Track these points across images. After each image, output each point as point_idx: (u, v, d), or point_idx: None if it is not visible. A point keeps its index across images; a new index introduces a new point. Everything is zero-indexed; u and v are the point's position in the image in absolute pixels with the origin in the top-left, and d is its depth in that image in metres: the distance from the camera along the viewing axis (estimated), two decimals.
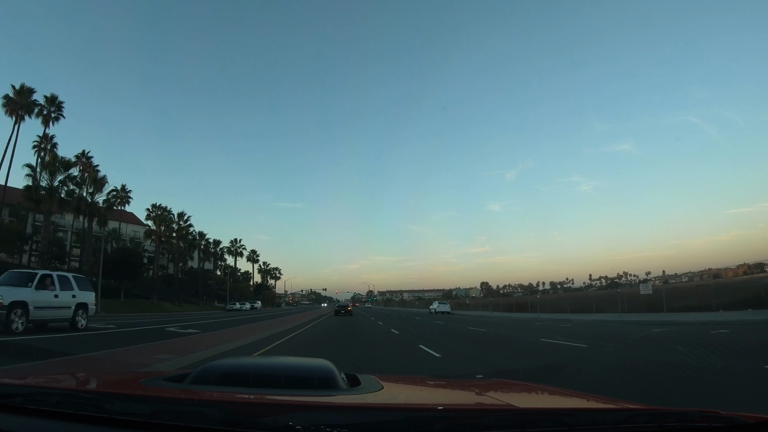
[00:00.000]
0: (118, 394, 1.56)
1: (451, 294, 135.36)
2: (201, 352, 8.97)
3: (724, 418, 1.23)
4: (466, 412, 1.47)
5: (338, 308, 44.97)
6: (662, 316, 23.15)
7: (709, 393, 5.38)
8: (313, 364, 2.03)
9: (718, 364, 7.35)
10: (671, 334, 13.82)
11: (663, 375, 6.73)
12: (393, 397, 1.82)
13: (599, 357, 9.34)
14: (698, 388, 5.69)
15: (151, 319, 26.22)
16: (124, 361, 7.62)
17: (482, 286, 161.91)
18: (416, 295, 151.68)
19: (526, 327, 21.01)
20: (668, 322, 19.40)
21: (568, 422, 1.22)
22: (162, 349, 9.22)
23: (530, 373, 7.24)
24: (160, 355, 8.11)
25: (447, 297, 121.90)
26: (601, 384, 6.26)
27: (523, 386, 2.36)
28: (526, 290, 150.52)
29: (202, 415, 1.24)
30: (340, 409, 1.38)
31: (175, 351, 9.01)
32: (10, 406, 1.37)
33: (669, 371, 6.93)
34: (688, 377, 6.35)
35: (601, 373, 7.31)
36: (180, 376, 1.87)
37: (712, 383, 6.03)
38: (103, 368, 6.58)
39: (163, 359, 7.65)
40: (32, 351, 8.24)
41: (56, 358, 7.15)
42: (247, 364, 2.12)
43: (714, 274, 68.72)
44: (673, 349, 10.02)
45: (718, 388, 5.73)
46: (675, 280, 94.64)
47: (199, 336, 13.83)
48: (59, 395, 1.42)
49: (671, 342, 11.47)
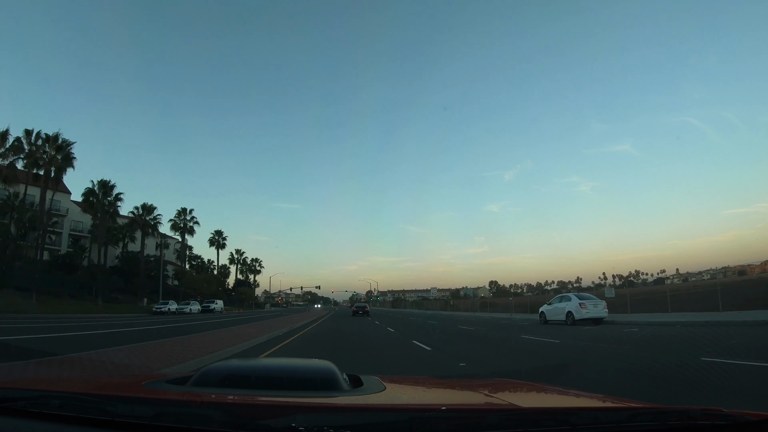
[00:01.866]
0: (121, 396, 1.57)
1: (459, 294, 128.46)
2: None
3: (727, 416, 1.24)
4: (469, 412, 1.48)
5: (356, 308, 46.88)
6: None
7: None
8: (315, 365, 2.05)
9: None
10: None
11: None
12: (395, 397, 1.83)
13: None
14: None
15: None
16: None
17: (491, 286, 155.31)
18: (421, 295, 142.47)
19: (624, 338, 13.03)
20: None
21: (572, 421, 1.23)
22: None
23: (533, 373, 7.26)
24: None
25: (455, 297, 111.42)
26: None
27: (525, 386, 2.37)
28: (534, 290, 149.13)
29: (204, 417, 1.25)
30: (343, 409, 1.39)
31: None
32: (13, 409, 1.38)
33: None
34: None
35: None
36: (182, 379, 1.88)
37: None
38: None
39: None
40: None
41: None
42: (249, 365, 2.13)
43: (739, 271, 61.85)
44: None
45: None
46: (696, 278, 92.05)
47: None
48: (61, 398, 1.43)
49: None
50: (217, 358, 10.27)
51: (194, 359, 8.50)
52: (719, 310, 21.53)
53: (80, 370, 7.16)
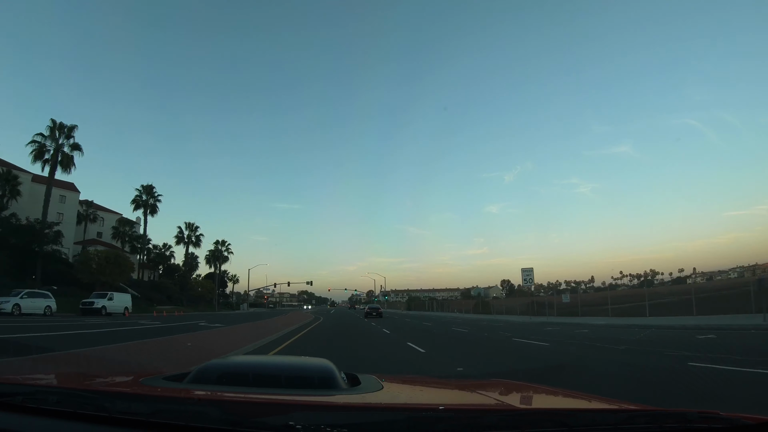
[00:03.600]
0: (118, 393, 1.59)
1: (470, 293, 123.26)
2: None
3: (724, 419, 1.25)
4: (466, 412, 1.49)
5: (370, 310, 45.28)
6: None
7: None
8: (313, 363, 2.06)
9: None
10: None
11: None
12: (393, 396, 1.85)
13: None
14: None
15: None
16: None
17: (503, 285, 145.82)
18: (426, 295, 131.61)
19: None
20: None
21: (569, 423, 1.24)
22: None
23: (531, 374, 7.30)
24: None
25: (466, 297, 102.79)
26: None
27: (523, 386, 2.39)
28: (547, 290, 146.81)
29: (201, 414, 1.27)
30: (340, 408, 1.40)
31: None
32: (11, 404, 1.40)
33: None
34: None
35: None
36: (180, 376, 1.90)
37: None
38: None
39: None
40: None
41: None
42: (247, 363, 2.15)
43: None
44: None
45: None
46: (722, 276, 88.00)
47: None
48: (59, 394, 1.44)
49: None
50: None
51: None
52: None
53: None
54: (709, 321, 20.02)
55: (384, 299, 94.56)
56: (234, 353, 10.04)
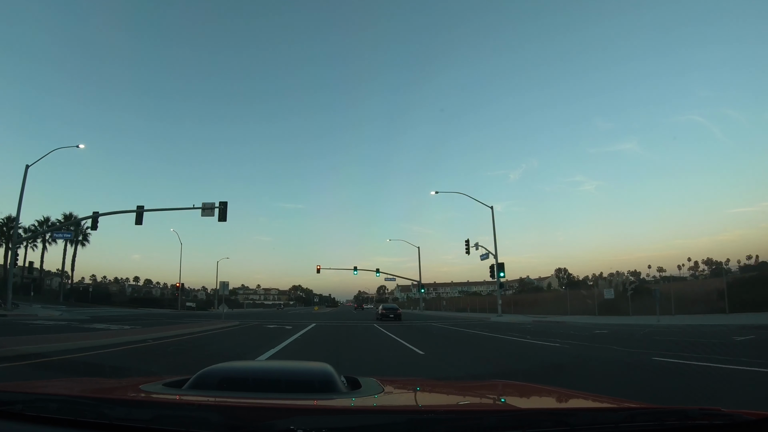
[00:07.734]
0: (118, 399, 1.61)
1: (477, 292, 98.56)
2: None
3: (725, 415, 1.27)
4: (467, 413, 1.51)
5: (385, 311, 34.79)
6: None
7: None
8: (313, 367, 2.09)
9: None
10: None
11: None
12: (393, 399, 1.88)
13: None
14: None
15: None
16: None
17: (558, 274, 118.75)
18: (458, 289, 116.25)
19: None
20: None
21: (570, 422, 1.27)
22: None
23: (531, 374, 7.37)
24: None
25: (474, 294, 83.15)
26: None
27: (523, 387, 2.42)
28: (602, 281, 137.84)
29: (202, 420, 1.29)
30: (341, 411, 1.44)
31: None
32: (10, 413, 1.42)
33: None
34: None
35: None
36: (179, 381, 1.93)
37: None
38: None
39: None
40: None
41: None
42: (247, 368, 2.17)
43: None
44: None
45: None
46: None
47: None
48: (59, 401, 1.47)
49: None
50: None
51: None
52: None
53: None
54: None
55: (421, 292, 72.41)
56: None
